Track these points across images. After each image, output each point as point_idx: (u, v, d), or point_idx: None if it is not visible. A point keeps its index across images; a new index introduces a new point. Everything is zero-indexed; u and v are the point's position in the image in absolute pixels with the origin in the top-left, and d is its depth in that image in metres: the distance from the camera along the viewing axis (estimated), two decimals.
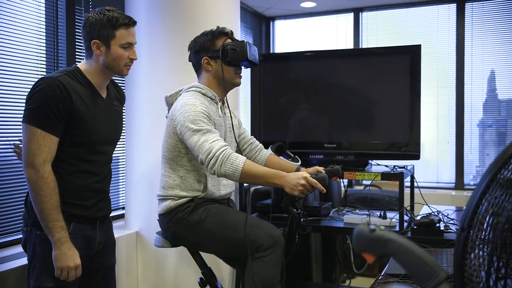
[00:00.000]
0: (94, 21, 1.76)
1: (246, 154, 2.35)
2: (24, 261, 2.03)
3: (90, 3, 2.92)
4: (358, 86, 2.80)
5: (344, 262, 3.52)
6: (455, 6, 4.50)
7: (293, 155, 2.51)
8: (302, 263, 3.17)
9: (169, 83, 2.66)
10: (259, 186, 3.05)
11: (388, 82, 2.73)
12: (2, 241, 2.37)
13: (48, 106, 1.66)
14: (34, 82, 1.73)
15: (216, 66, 2.12)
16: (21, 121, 1.70)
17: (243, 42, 2.10)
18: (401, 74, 2.67)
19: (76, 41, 2.76)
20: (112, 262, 1.98)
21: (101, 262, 1.90)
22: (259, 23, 5.17)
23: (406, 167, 2.66)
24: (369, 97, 2.78)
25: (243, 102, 3.94)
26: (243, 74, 2.25)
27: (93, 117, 1.78)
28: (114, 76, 1.93)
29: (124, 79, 2.92)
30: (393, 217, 2.52)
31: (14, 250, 2.31)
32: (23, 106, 1.71)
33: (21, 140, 1.78)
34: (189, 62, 2.23)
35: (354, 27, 4.90)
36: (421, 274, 0.83)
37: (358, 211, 2.79)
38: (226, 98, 2.22)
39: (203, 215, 2.04)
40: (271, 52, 5.24)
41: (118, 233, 2.55)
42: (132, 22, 1.82)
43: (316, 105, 2.86)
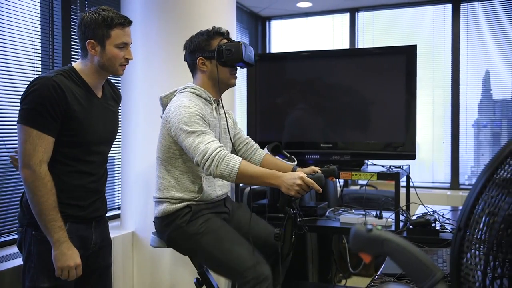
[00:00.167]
0: (89, 20, 1.75)
1: (241, 154, 2.35)
2: (19, 261, 2.02)
3: (86, 3, 2.91)
4: (354, 86, 2.81)
5: (340, 262, 3.53)
6: (451, 6, 4.52)
7: (289, 155, 2.51)
8: (298, 263, 3.18)
9: (165, 83, 2.66)
10: (255, 186, 3.05)
11: (384, 82, 2.74)
12: None
13: (43, 106, 1.65)
14: (29, 82, 1.72)
15: (211, 67, 2.11)
16: (16, 121, 1.69)
17: (239, 42, 2.09)
18: (397, 74, 2.68)
19: (71, 40, 2.75)
20: (108, 262, 1.97)
21: (97, 262, 1.89)
22: (255, 23, 5.17)
23: (402, 167, 2.67)
24: (365, 97, 2.79)
25: (239, 102, 3.94)
26: (239, 74, 2.25)
27: (88, 117, 1.77)
28: (110, 76, 1.93)
29: (120, 79, 2.91)
30: (389, 217, 2.53)
31: (9, 251, 2.30)
32: (19, 107, 1.70)
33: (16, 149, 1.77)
34: (184, 61, 2.23)
35: (350, 27, 4.91)
36: (417, 273, 0.84)
37: (354, 211, 2.80)
38: (221, 99, 2.22)
39: (202, 229, 2.03)
40: (267, 52, 5.24)
41: (113, 233, 2.54)
42: (127, 22, 1.81)
43: (312, 105, 2.87)
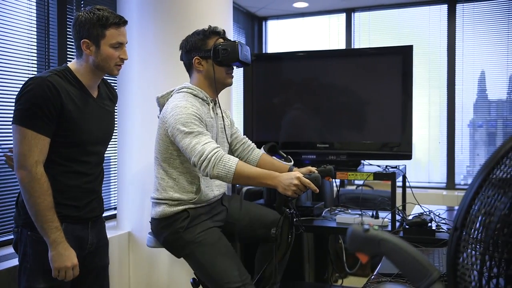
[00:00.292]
0: (84, 20, 1.74)
1: (238, 154, 2.35)
2: (16, 262, 2.01)
3: (81, 2, 2.90)
4: (351, 86, 2.81)
5: (336, 262, 3.53)
6: (446, 7, 4.54)
7: (285, 155, 2.52)
8: (295, 263, 3.18)
9: (161, 83, 2.66)
10: (252, 186, 3.05)
11: (380, 82, 2.74)
12: None
13: (38, 107, 1.64)
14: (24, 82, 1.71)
15: (207, 66, 2.11)
16: (11, 122, 1.68)
17: (235, 42, 2.09)
18: (393, 75, 2.68)
19: (67, 40, 2.74)
20: (105, 263, 1.97)
21: (94, 262, 1.89)
22: (252, 23, 5.17)
23: (398, 167, 2.68)
24: (361, 97, 2.79)
25: (236, 102, 3.94)
26: (236, 74, 2.25)
27: (83, 117, 1.76)
28: (105, 75, 1.92)
29: (116, 79, 2.90)
30: (385, 216, 2.53)
31: (6, 251, 2.29)
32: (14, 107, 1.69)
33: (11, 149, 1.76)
34: (181, 61, 2.22)
35: (346, 27, 4.92)
36: (414, 273, 0.84)
37: (350, 211, 2.80)
38: (218, 98, 2.21)
39: (198, 239, 2.03)
40: (264, 52, 5.24)
41: (110, 233, 2.54)
42: (122, 22, 1.80)
43: (308, 105, 2.87)
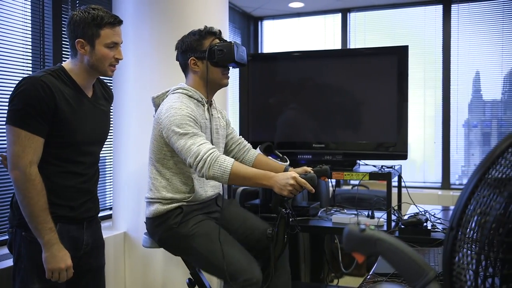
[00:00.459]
0: (78, 19, 1.73)
1: (234, 154, 2.35)
2: (10, 262, 2.00)
3: (77, 2, 2.89)
4: (346, 87, 2.82)
5: (332, 262, 3.54)
6: (442, 7, 4.55)
7: (281, 155, 2.52)
8: (291, 263, 3.17)
9: (157, 84, 2.65)
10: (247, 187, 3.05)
11: (375, 82, 2.75)
12: None
13: (31, 107, 1.63)
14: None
15: (203, 67, 2.10)
16: (4, 122, 1.67)
17: (231, 43, 2.08)
18: (388, 75, 2.69)
19: (62, 40, 2.73)
20: (101, 263, 1.96)
21: (89, 263, 1.88)
22: (247, 23, 5.17)
23: (393, 167, 2.68)
24: (357, 97, 2.80)
25: (232, 102, 3.94)
26: (232, 74, 2.25)
27: (78, 117, 1.75)
28: (100, 76, 1.91)
29: (111, 79, 2.89)
30: (381, 216, 2.54)
31: (1, 251, 2.28)
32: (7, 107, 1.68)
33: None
34: (176, 61, 2.22)
35: (342, 28, 4.92)
36: (410, 273, 0.84)
37: (346, 211, 2.80)
38: (213, 99, 2.21)
39: (193, 231, 2.03)
40: (259, 52, 5.24)
41: (105, 233, 2.51)
42: (117, 21, 1.79)
43: (304, 105, 2.87)
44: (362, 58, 2.88)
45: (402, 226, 2.31)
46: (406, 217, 2.42)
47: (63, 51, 2.74)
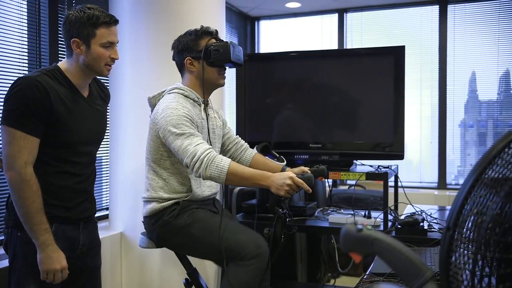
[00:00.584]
0: (74, 19, 1.72)
1: (231, 154, 2.35)
2: (6, 262, 2.00)
3: (73, 2, 2.88)
4: (343, 87, 2.82)
5: (329, 262, 3.54)
6: (438, 8, 4.57)
7: (278, 155, 2.52)
8: (287, 263, 3.18)
9: (153, 83, 2.65)
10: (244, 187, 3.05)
11: (372, 82, 2.75)
12: None
13: (26, 107, 1.62)
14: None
15: (199, 67, 2.10)
16: None
17: (227, 43, 2.08)
18: (385, 75, 2.69)
19: (59, 40, 2.72)
20: (97, 264, 1.96)
21: (85, 263, 1.87)
22: (244, 23, 5.17)
23: (390, 167, 2.69)
24: (353, 97, 2.80)
25: (228, 102, 3.93)
26: (228, 73, 2.24)
27: (73, 117, 1.74)
28: (97, 75, 1.90)
29: (108, 79, 2.88)
30: (377, 216, 2.54)
31: None
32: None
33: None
34: (173, 61, 2.21)
35: (339, 28, 4.93)
36: (407, 273, 0.84)
37: (343, 211, 2.81)
38: (210, 99, 2.21)
39: (189, 220, 2.02)
40: (256, 52, 5.24)
41: (101, 234, 2.52)
42: (113, 21, 1.78)
43: (301, 105, 2.87)
44: (359, 58, 2.88)
45: (399, 226, 2.32)
46: (402, 217, 2.42)
47: (60, 51, 2.73)
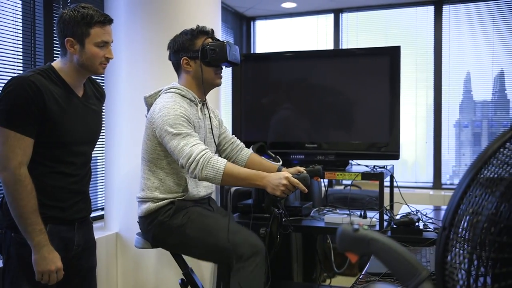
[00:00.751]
0: (67, 18, 1.71)
1: (227, 154, 2.34)
2: (0, 264, 1.99)
3: (68, 1, 2.87)
4: (339, 87, 2.83)
5: (324, 262, 3.54)
6: (433, 8, 4.58)
7: (274, 155, 2.52)
8: (283, 263, 3.18)
9: (149, 83, 2.64)
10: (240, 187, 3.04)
11: (368, 82, 2.76)
12: None
13: (19, 107, 1.61)
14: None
15: (195, 67, 2.09)
16: None
17: (223, 42, 2.07)
18: (381, 75, 2.70)
19: (54, 39, 2.71)
20: (92, 264, 1.95)
21: (80, 264, 1.86)
22: (240, 23, 5.16)
23: (385, 167, 2.70)
24: (349, 97, 2.81)
25: (224, 101, 3.93)
26: (224, 73, 2.24)
27: (67, 117, 1.73)
28: (92, 75, 1.89)
29: (104, 79, 2.88)
30: (373, 216, 2.55)
31: None
32: None
33: None
34: (169, 60, 2.21)
35: (334, 28, 4.93)
36: (403, 272, 0.84)
37: (338, 211, 2.81)
38: (206, 99, 2.20)
39: (185, 220, 2.02)
40: (252, 52, 5.24)
41: (97, 234, 2.50)
42: (108, 20, 1.77)
43: (297, 105, 2.87)
44: (354, 59, 2.89)
45: (394, 226, 2.32)
46: (398, 217, 2.43)
47: (55, 51, 2.72)
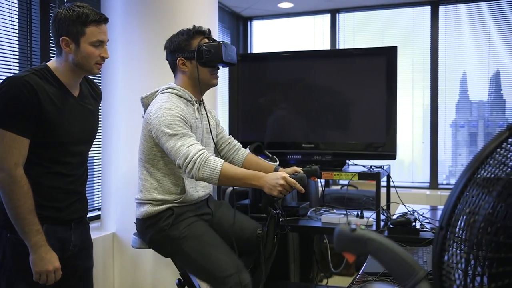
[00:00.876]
0: (63, 17, 1.70)
1: (224, 154, 2.34)
2: None
3: (65, 0, 2.86)
4: (335, 87, 2.83)
5: (321, 262, 3.54)
6: (429, 8, 4.59)
7: (271, 155, 2.52)
8: (280, 263, 3.18)
9: (146, 83, 2.64)
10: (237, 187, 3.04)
11: (364, 82, 2.76)
12: None
13: (14, 107, 1.60)
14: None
15: (191, 67, 2.09)
16: None
17: (219, 43, 2.07)
18: (377, 75, 2.70)
19: (50, 39, 2.70)
20: (89, 265, 1.94)
21: (76, 264, 1.86)
22: (237, 23, 5.16)
23: (382, 167, 2.70)
24: (346, 97, 2.81)
25: (221, 101, 3.93)
26: (221, 73, 2.24)
27: (63, 117, 1.72)
28: (88, 74, 1.88)
29: (100, 79, 2.87)
30: (370, 216, 2.55)
31: None
32: None
33: None
34: (166, 60, 2.20)
35: (331, 28, 4.94)
36: (400, 272, 0.84)
37: (335, 211, 2.81)
38: (203, 99, 2.20)
39: (184, 233, 2.01)
40: (249, 52, 5.24)
41: (93, 234, 2.50)
42: (103, 19, 1.76)
43: (294, 105, 2.88)
44: (351, 59, 2.89)
45: (391, 226, 2.33)
46: (395, 216, 2.43)
47: (51, 50, 2.71)
